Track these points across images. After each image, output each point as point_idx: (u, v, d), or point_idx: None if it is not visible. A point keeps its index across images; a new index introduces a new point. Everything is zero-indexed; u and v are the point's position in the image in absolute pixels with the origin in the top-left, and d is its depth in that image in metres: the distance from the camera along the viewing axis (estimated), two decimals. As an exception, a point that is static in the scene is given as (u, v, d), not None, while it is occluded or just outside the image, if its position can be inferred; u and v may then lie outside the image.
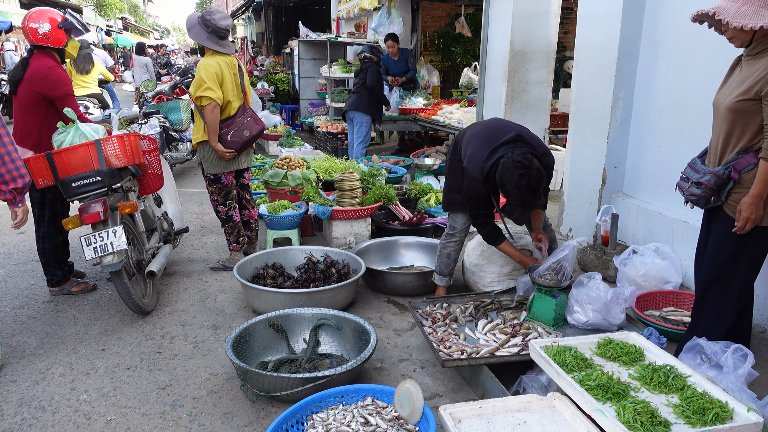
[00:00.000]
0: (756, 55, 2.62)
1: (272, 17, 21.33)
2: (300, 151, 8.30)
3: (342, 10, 12.09)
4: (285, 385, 2.71)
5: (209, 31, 4.14)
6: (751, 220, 2.61)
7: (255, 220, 4.74)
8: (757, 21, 2.50)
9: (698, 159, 2.88)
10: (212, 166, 4.30)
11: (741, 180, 2.64)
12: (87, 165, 3.56)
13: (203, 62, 4.14)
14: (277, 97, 13.72)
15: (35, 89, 3.74)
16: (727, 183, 2.69)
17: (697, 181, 2.76)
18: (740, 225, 2.63)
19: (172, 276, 4.51)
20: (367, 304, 4.00)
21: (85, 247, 3.41)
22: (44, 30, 3.79)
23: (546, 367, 2.44)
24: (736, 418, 2.05)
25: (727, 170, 2.67)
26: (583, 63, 4.89)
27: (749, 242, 2.71)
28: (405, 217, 5.17)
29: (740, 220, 2.63)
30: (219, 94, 4.09)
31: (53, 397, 2.92)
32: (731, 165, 2.66)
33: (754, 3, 2.54)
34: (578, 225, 5.09)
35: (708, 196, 2.75)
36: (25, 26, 3.80)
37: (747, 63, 2.67)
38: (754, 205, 2.58)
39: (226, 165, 4.32)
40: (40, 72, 3.75)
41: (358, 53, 7.88)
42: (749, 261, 2.76)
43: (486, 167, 3.12)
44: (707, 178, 2.72)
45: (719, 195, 2.73)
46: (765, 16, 2.50)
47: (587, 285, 3.18)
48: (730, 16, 2.55)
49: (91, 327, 3.66)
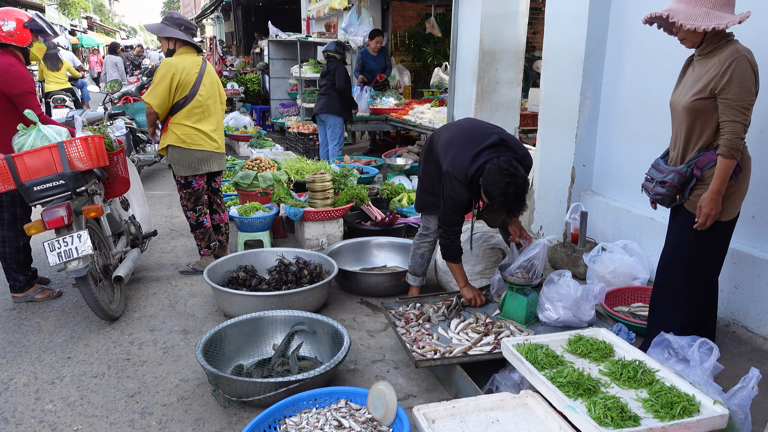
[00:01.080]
0: (707, 54, 2.71)
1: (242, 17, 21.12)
2: (271, 152, 8.22)
3: (312, 10, 12.02)
4: (257, 389, 2.67)
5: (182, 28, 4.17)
6: (711, 215, 2.68)
7: (226, 224, 4.69)
8: (708, 23, 2.59)
9: (661, 159, 2.94)
10: (182, 169, 4.23)
11: (703, 177, 2.72)
12: (49, 168, 3.46)
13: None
14: (247, 98, 13.58)
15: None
16: (690, 180, 2.75)
17: (661, 180, 2.82)
18: (701, 221, 2.70)
19: (140, 281, 4.42)
20: (340, 305, 3.98)
21: (49, 252, 3.32)
22: (8, 28, 3.72)
23: (518, 365, 2.46)
24: (703, 411, 2.10)
25: (689, 168, 2.74)
26: (551, 63, 4.94)
27: (708, 237, 2.78)
28: (377, 217, 5.16)
29: (701, 216, 2.70)
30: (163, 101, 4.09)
31: (16, 408, 2.83)
32: (693, 163, 2.73)
33: (704, 5, 2.63)
34: (548, 223, 5.15)
35: (673, 195, 2.81)
36: None
37: (699, 62, 2.76)
38: (713, 201, 2.65)
39: (197, 168, 4.26)
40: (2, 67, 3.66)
41: (324, 50, 7.80)
42: (709, 256, 2.84)
43: (470, 172, 3.11)
44: (671, 177, 2.78)
45: (683, 193, 2.79)
46: (715, 18, 2.59)
47: (558, 282, 3.22)
48: (682, 18, 2.63)
49: (57, 334, 3.56)
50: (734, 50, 2.59)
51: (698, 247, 2.81)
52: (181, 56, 4.16)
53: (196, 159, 4.23)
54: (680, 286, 2.89)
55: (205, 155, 4.27)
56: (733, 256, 3.49)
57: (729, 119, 2.58)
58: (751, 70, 2.58)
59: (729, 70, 2.56)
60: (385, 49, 9.26)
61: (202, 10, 24.75)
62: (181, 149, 4.19)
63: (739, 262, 3.49)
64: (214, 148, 4.30)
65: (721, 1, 2.63)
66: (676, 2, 2.71)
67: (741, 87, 2.55)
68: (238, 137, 9.80)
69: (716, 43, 2.67)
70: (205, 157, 4.27)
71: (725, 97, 2.58)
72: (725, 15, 2.61)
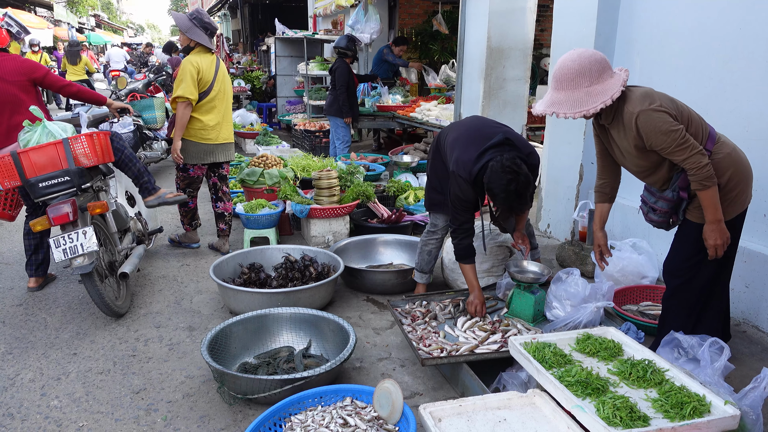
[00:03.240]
0: (612, 122, 2.67)
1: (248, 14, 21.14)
2: (277, 149, 8.22)
3: (319, 7, 12.00)
4: (262, 387, 2.66)
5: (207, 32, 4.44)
6: (719, 245, 2.61)
7: (230, 213, 4.82)
8: (595, 104, 2.53)
9: None
10: (188, 157, 4.52)
11: (692, 195, 2.66)
12: (55, 164, 3.46)
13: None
14: (254, 95, 13.58)
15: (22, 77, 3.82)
16: (680, 204, 2.72)
17: (652, 206, 2.80)
18: (711, 254, 2.65)
19: (146, 277, 4.42)
20: (346, 303, 3.97)
21: (54, 249, 3.32)
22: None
23: (525, 363, 2.43)
24: (714, 412, 2.06)
25: (675, 193, 2.70)
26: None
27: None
28: (384, 214, 5.14)
29: (710, 249, 2.64)
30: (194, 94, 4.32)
31: (22, 403, 2.83)
32: (677, 186, 2.68)
33: (580, 86, 2.55)
34: (556, 221, 5.11)
35: (666, 220, 2.80)
36: None
37: (612, 129, 2.72)
38: (716, 230, 2.60)
39: (201, 158, 4.54)
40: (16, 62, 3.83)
41: (334, 45, 7.76)
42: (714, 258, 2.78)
43: (474, 170, 3.10)
44: (661, 204, 2.75)
45: (677, 215, 2.76)
46: (598, 95, 2.52)
47: (566, 281, 3.19)
48: (568, 109, 2.57)
49: (63, 331, 3.57)
50: (629, 113, 2.54)
51: (700, 247, 2.75)
52: (199, 55, 4.39)
53: (201, 150, 4.52)
54: (690, 291, 2.84)
55: (211, 147, 4.55)
56: (744, 255, 3.45)
57: (680, 159, 2.52)
58: (655, 112, 2.49)
59: (640, 131, 2.52)
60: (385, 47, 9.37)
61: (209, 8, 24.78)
62: (188, 141, 4.47)
63: (750, 261, 3.45)
64: (222, 140, 4.60)
65: (596, 74, 2.54)
66: (555, 92, 2.62)
67: (661, 135, 2.48)
68: (245, 134, 9.80)
69: (612, 110, 2.62)
70: (211, 149, 4.55)
71: (660, 149, 2.53)
72: (606, 86, 2.53)
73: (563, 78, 2.59)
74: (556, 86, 2.62)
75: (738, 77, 3.49)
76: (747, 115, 3.43)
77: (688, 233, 2.77)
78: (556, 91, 2.62)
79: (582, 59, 2.55)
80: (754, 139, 3.35)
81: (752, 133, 3.39)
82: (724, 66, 3.56)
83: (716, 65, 3.65)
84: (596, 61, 2.55)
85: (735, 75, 3.50)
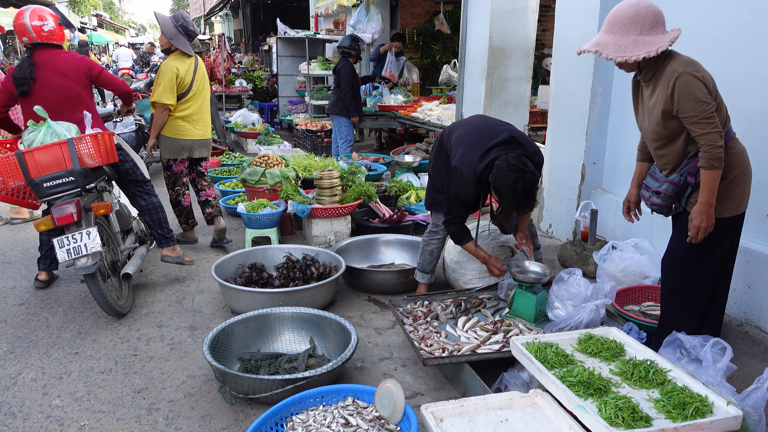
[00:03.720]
0: (650, 80, 2.66)
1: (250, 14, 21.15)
2: (279, 149, 8.22)
3: (320, 7, 12.00)
4: (264, 386, 2.66)
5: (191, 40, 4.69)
6: (703, 228, 2.61)
7: (213, 197, 5.10)
8: (638, 52, 2.53)
9: (657, 168, 2.89)
10: (166, 152, 4.80)
11: (698, 182, 2.66)
12: (59, 165, 3.46)
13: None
14: (255, 95, 13.59)
15: (81, 74, 3.92)
16: (685, 189, 2.71)
17: (656, 190, 2.79)
18: (692, 234, 2.65)
19: (148, 277, 4.42)
20: (348, 302, 3.96)
21: (58, 249, 3.32)
22: (49, 27, 3.84)
23: (527, 363, 2.43)
24: (716, 412, 2.06)
25: (682, 177, 2.69)
26: (561, 60, 4.90)
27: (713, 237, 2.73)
28: (385, 214, 5.14)
29: (692, 229, 2.64)
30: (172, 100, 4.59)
31: (24, 402, 2.84)
32: (685, 171, 2.68)
33: (631, 33, 2.56)
34: (558, 221, 5.11)
35: (669, 205, 2.78)
36: (25, 24, 3.74)
37: (645, 87, 2.72)
38: (703, 213, 2.59)
39: (178, 153, 4.78)
40: (75, 59, 3.93)
41: (338, 45, 7.73)
42: (711, 254, 2.79)
43: (479, 168, 3.10)
44: (665, 187, 2.74)
45: (680, 201, 2.76)
46: (645, 45, 2.53)
47: (567, 281, 3.18)
48: (611, 51, 2.58)
49: (64, 330, 3.57)
50: (672, 70, 2.53)
51: (704, 247, 2.75)
52: (178, 59, 4.60)
53: (178, 146, 4.74)
54: (690, 289, 2.84)
55: (188, 143, 4.76)
56: (746, 255, 3.45)
57: (699, 133, 2.52)
58: (696, 79, 2.49)
59: (675, 92, 2.51)
60: (402, 53, 9.30)
61: (211, 7, 24.81)
62: (165, 137, 4.72)
63: (752, 261, 3.45)
64: (197, 136, 4.80)
65: (649, 24, 2.55)
66: (604, 33, 2.64)
67: (693, 102, 2.48)
68: (247, 134, 9.81)
69: (654, 66, 2.62)
70: (188, 145, 4.77)
71: (685, 116, 2.52)
72: (655, 39, 2.54)
73: (616, 21, 2.60)
74: (606, 29, 2.65)
75: (740, 77, 3.48)
76: (749, 116, 3.42)
77: (687, 228, 2.77)
78: (606, 33, 2.64)
79: (639, 7, 2.56)
80: (757, 140, 3.35)
81: (755, 133, 3.38)
82: (725, 66, 3.55)
83: (718, 66, 3.63)
84: (652, 13, 2.56)
85: (737, 75, 3.50)
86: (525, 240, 3.51)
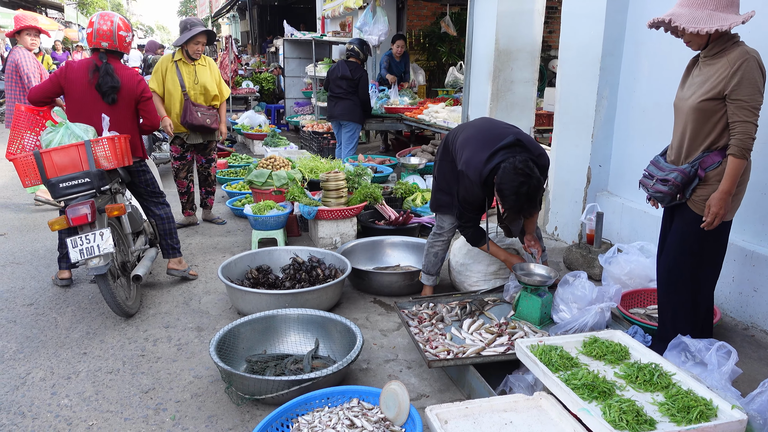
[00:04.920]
0: (714, 56, 2.68)
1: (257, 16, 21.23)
2: (285, 151, 8.24)
3: (327, 9, 12.04)
4: (270, 387, 2.68)
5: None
6: (719, 215, 2.66)
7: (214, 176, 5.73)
8: (711, 25, 2.56)
9: (661, 157, 2.93)
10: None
11: (707, 178, 2.70)
12: (76, 166, 3.51)
13: None
14: (262, 97, 13.63)
15: (132, 99, 3.92)
16: (692, 180, 2.74)
17: (662, 178, 2.80)
18: (709, 220, 2.68)
19: (156, 277, 4.45)
20: (353, 304, 3.98)
21: (71, 248, 3.36)
22: (129, 39, 3.92)
23: (532, 366, 2.44)
24: (721, 416, 2.06)
25: (693, 168, 2.71)
26: (567, 62, 4.90)
27: (711, 236, 2.75)
28: (391, 216, 5.15)
29: (709, 215, 2.68)
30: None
31: (33, 402, 2.87)
32: (698, 163, 2.70)
33: (706, 7, 2.60)
34: (563, 223, 5.11)
35: (674, 194, 2.79)
36: (112, 32, 3.75)
37: (705, 63, 2.73)
38: (723, 200, 2.64)
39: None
40: (135, 79, 3.92)
41: (349, 41, 7.61)
42: (711, 255, 2.82)
43: (485, 171, 3.11)
44: (674, 176, 2.75)
45: (684, 192, 2.77)
46: (718, 20, 2.57)
47: (573, 284, 3.19)
48: (684, 22, 2.62)
49: (73, 330, 3.60)
50: (743, 51, 2.57)
51: (704, 246, 2.78)
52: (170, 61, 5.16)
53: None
54: (690, 288, 2.86)
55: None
56: (752, 259, 3.44)
57: (741, 119, 2.55)
58: (760, 71, 2.56)
59: (739, 72, 2.53)
60: (406, 54, 9.32)
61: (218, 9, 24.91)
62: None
63: (758, 264, 3.44)
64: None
65: (725, 3, 2.60)
66: (679, 6, 2.69)
67: (752, 88, 2.54)
68: (253, 136, 9.84)
69: (722, 45, 2.64)
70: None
71: (736, 98, 2.55)
72: (729, 16, 2.58)
73: None
74: (681, 2, 2.69)
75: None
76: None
77: (688, 227, 2.79)
78: (681, 6, 2.69)
79: None
80: (760, 143, 3.34)
81: (760, 135, 3.37)
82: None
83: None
84: None
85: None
86: (533, 242, 3.52)
